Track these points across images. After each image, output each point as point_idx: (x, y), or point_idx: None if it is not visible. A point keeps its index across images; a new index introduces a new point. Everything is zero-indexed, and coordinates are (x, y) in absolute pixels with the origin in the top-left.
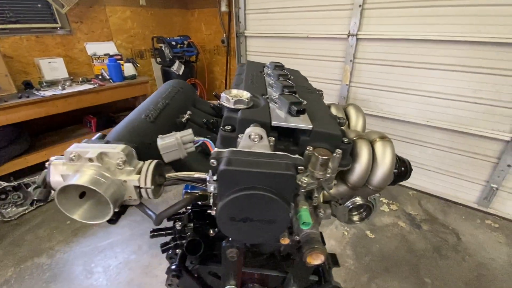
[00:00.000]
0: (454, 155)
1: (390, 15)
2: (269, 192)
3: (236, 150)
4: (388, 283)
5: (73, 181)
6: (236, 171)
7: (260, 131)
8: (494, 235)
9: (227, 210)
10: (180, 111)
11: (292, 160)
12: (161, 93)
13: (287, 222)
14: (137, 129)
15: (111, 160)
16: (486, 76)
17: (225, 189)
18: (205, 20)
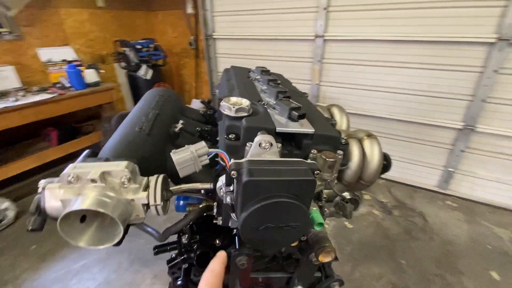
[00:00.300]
0: (416, 145)
1: (353, 17)
2: (292, 199)
3: (253, 160)
4: (369, 269)
5: (78, 205)
6: (260, 181)
7: (270, 138)
8: (455, 214)
9: (252, 220)
10: (172, 120)
11: (308, 165)
12: (148, 103)
13: (307, 226)
14: (134, 143)
15: (114, 179)
16: (439, 72)
17: (249, 200)
18: (171, 22)
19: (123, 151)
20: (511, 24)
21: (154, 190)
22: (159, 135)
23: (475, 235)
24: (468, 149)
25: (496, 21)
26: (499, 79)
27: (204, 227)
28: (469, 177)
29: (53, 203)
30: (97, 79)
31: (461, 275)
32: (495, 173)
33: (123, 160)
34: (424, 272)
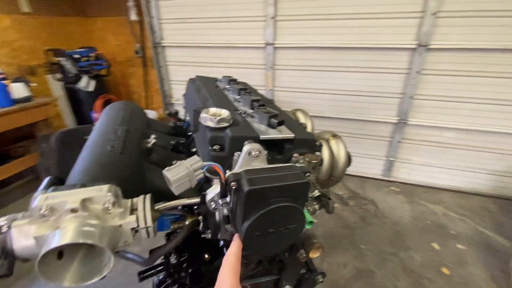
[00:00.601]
0: (361, 139)
1: (299, 26)
2: (290, 202)
3: (250, 170)
4: (336, 259)
5: (60, 240)
6: (261, 188)
7: (258, 147)
8: (398, 197)
9: (254, 227)
10: (142, 136)
11: (300, 169)
12: (114, 118)
13: (303, 227)
14: (109, 164)
15: (96, 205)
16: (375, 74)
17: (251, 208)
18: (112, 29)
19: (99, 174)
20: (427, 32)
21: (143, 212)
22: (133, 152)
23: (416, 214)
24: (403, 140)
25: (416, 30)
26: (421, 78)
27: (190, 244)
28: (406, 163)
29: (24, 243)
30: (27, 94)
31: (410, 250)
32: (425, 158)
33: (102, 183)
34: (381, 253)
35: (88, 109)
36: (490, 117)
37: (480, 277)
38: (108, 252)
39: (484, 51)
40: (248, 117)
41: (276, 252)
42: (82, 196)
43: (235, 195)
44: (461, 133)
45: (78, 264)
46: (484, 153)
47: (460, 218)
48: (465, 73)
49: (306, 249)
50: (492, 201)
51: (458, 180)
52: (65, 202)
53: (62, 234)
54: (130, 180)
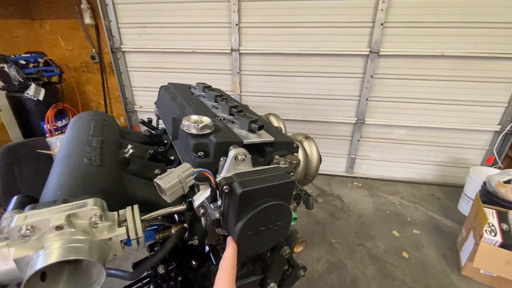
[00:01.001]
0: (325, 140)
1: (263, 33)
2: (279, 200)
3: (240, 173)
4: (309, 255)
5: (49, 259)
6: (253, 190)
7: (244, 151)
8: (361, 192)
9: (247, 227)
10: (117, 146)
11: (284, 169)
12: (84, 130)
13: (290, 223)
14: (90, 177)
15: (82, 220)
16: (334, 79)
17: (244, 209)
18: (63, 33)
19: (79, 188)
20: (377, 40)
21: (133, 223)
22: (111, 164)
23: (377, 205)
24: (362, 138)
25: (368, 38)
26: (375, 82)
27: (176, 252)
28: (366, 160)
29: (2, 267)
30: None
31: (374, 239)
32: (382, 154)
33: (86, 197)
34: (350, 245)
35: (37, 120)
36: (433, 115)
37: (434, 257)
38: (99, 267)
39: (424, 57)
40: (228, 123)
41: (267, 249)
42: (67, 212)
43: (227, 198)
44: (410, 130)
45: (64, 285)
46: (429, 146)
47: (414, 206)
48: (411, 76)
49: (291, 244)
50: (438, 188)
51: (410, 172)
52: (49, 220)
53: (49, 253)
54: (112, 192)
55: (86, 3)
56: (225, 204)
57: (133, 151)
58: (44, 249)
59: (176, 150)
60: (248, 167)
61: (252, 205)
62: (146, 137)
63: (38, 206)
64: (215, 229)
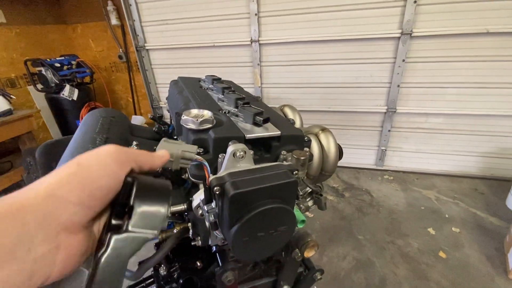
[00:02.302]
0: (352, 131)
1: (283, 22)
2: (279, 203)
3: (234, 172)
4: (334, 252)
5: None
6: (246, 192)
7: (243, 147)
8: (392, 186)
9: (242, 233)
10: (123, 143)
11: (287, 167)
12: (92, 127)
13: (294, 227)
14: None
15: None
16: (361, 65)
17: (237, 213)
18: (93, 35)
19: None
20: (409, 20)
21: None
22: None
23: (410, 200)
24: (393, 128)
25: (398, 18)
26: (407, 67)
27: (180, 252)
28: (397, 152)
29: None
30: (7, 107)
31: (406, 237)
32: (416, 145)
33: None
34: (379, 242)
35: (73, 119)
36: (475, 101)
37: (476, 258)
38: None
39: (465, 36)
40: (232, 116)
41: (268, 255)
42: None
43: (219, 200)
44: (448, 118)
45: None
46: (471, 136)
47: (453, 202)
48: (449, 58)
49: (300, 248)
50: (482, 182)
51: (448, 164)
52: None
53: None
54: None
55: (112, 4)
56: (219, 206)
57: (137, 147)
58: None
59: None
60: (249, 165)
61: (247, 208)
62: (155, 133)
63: None
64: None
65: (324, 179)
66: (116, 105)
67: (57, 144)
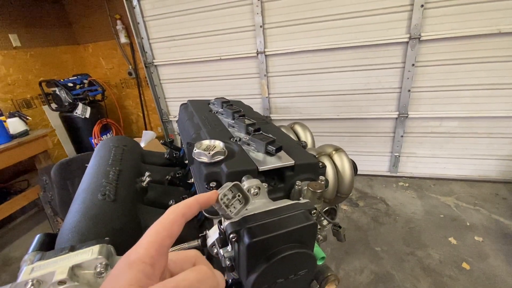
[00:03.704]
0: (364, 138)
1: (288, 32)
2: (298, 248)
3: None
4: (351, 265)
5: None
6: (264, 239)
7: (257, 183)
8: (408, 193)
9: (261, 281)
10: (136, 173)
11: (304, 207)
12: (105, 159)
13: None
14: (101, 216)
15: (86, 271)
16: (370, 72)
17: (254, 260)
18: (103, 53)
19: (89, 230)
20: (417, 24)
21: None
22: (126, 198)
23: (428, 208)
24: (406, 134)
25: (406, 23)
26: (417, 71)
27: None
28: (411, 157)
29: None
30: (24, 128)
31: (426, 247)
32: (431, 150)
33: (92, 243)
34: (398, 253)
35: (86, 136)
36: (492, 102)
37: (502, 269)
38: None
39: (477, 37)
40: (244, 145)
41: None
42: (70, 263)
43: (235, 245)
44: (464, 121)
45: None
46: (491, 138)
47: (474, 208)
48: (460, 60)
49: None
50: (504, 186)
51: (467, 168)
52: (53, 273)
53: None
54: (124, 230)
55: (121, 23)
56: (235, 251)
57: (149, 179)
58: None
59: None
60: (264, 200)
61: (265, 256)
62: (167, 159)
63: (47, 255)
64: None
65: (341, 201)
66: (127, 120)
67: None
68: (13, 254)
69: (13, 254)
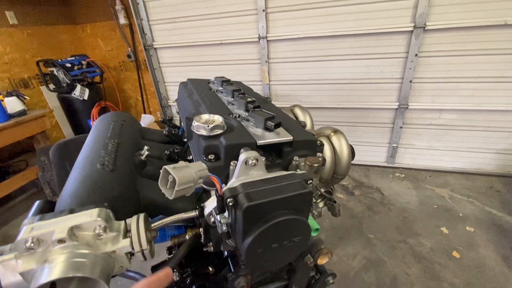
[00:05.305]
0: (362, 128)
1: (291, 17)
2: (293, 214)
3: (247, 183)
4: (344, 250)
5: (48, 276)
6: (260, 204)
7: (255, 154)
8: (404, 183)
9: (256, 244)
10: (134, 148)
11: (301, 177)
12: (103, 132)
13: (309, 237)
14: (100, 183)
15: (86, 232)
16: (372, 61)
17: (251, 224)
18: (102, 34)
19: (89, 196)
20: (422, 13)
21: (137, 235)
22: (125, 168)
23: (422, 198)
24: (405, 125)
25: (411, 11)
26: (420, 61)
27: (192, 257)
28: (409, 149)
29: (11, 279)
30: (21, 108)
31: (419, 236)
32: (428, 142)
33: (92, 207)
34: (390, 241)
35: (85, 118)
36: (492, 96)
37: (491, 258)
38: (102, 283)
39: (482, 28)
40: (243, 121)
41: (281, 266)
42: (69, 224)
43: (233, 211)
44: (463, 113)
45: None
46: (488, 132)
47: (467, 200)
48: (464, 52)
49: (314, 255)
50: (498, 180)
51: (463, 161)
52: (52, 232)
53: (51, 268)
54: (123, 199)
55: (120, 3)
56: (232, 217)
57: (148, 153)
58: (47, 263)
59: (191, 151)
60: (261, 172)
61: (261, 220)
62: (166, 136)
63: (47, 216)
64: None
65: (337, 182)
66: (125, 104)
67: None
68: (12, 232)
69: (12, 232)
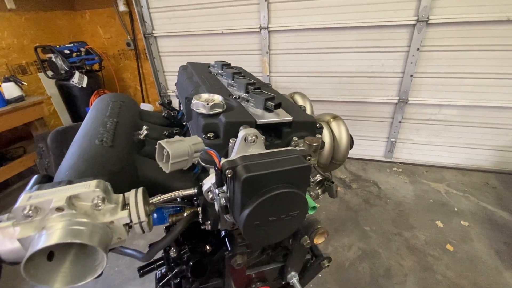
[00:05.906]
0: (361, 122)
1: (294, 8)
2: (291, 188)
3: (246, 156)
4: (340, 241)
5: (46, 241)
6: (258, 175)
7: (254, 131)
8: (401, 178)
9: (253, 216)
10: (133, 127)
11: (299, 152)
12: (102, 111)
13: (305, 213)
14: (98, 158)
15: (84, 202)
16: (373, 54)
17: (249, 196)
18: (101, 22)
19: (87, 169)
20: (426, 6)
21: (136, 207)
22: (123, 145)
23: (418, 193)
24: (404, 120)
25: (415, 5)
26: (421, 56)
27: (190, 235)
28: (407, 144)
29: (9, 245)
30: (19, 94)
31: (413, 229)
32: (427, 137)
33: (90, 179)
34: (385, 234)
35: (83, 106)
36: (493, 92)
37: (484, 252)
38: (100, 251)
39: (485, 24)
40: (243, 101)
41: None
42: (67, 193)
43: (231, 183)
44: (463, 109)
45: (69, 265)
46: (485, 128)
47: (463, 195)
48: (467, 47)
49: (310, 235)
50: (494, 176)
51: (460, 157)
52: (50, 201)
53: (49, 235)
54: (121, 174)
55: None
56: (230, 190)
57: (147, 132)
58: (45, 230)
59: (190, 132)
60: (260, 150)
61: (259, 192)
62: (165, 119)
63: (45, 186)
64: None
65: (335, 168)
66: (124, 93)
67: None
68: None
69: None
